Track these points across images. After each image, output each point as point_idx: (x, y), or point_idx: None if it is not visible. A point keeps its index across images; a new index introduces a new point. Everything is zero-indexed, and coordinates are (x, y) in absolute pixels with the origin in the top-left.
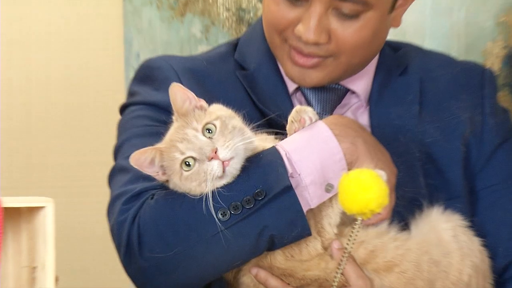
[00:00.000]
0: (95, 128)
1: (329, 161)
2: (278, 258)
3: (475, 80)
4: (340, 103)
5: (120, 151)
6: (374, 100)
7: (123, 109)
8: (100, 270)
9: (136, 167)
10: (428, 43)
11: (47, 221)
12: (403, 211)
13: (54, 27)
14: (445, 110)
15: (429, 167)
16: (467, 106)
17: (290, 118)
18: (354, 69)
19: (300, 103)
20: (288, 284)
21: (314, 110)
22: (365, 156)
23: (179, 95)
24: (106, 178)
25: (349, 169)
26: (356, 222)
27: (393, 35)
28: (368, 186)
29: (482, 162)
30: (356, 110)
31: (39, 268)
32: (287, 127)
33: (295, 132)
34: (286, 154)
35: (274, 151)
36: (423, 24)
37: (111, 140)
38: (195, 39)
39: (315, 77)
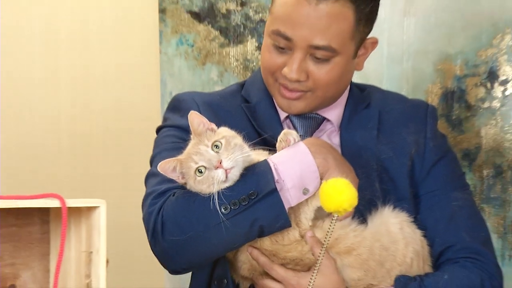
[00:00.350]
0: (139, 147)
1: (306, 171)
2: (266, 242)
3: (421, 112)
4: (318, 128)
5: (154, 160)
6: (344, 126)
7: (158, 130)
8: (141, 255)
9: (162, 173)
10: (385, 85)
11: (101, 217)
12: (362, 209)
13: (109, 73)
14: (396, 134)
15: (383, 176)
16: (413, 132)
17: (279, 138)
18: (328, 101)
19: (289, 128)
20: (273, 261)
21: (298, 133)
22: (334, 168)
23: (195, 120)
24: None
25: (321, 178)
26: (333, 218)
27: (359, 78)
28: (342, 191)
29: (423, 174)
30: (330, 134)
31: (94, 253)
32: (277, 145)
33: (282, 149)
34: (274, 165)
35: (265, 162)
36: (381, 70)
37: (148, 156)
38: (213, 81)
39: (299, 106)
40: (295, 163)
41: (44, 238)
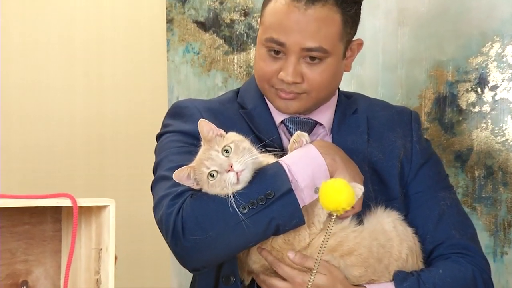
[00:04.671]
0: (147, 150)
1: (317, 171)
2: (279, 241)
3: (406, 118)
4: (311, 132)
5: (160, 165)
6: (335, 131)
7: (158, 137)
8: (148, 252)
9: (177, 181)
10: (381, 91)
11: (110, 216)
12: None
13: (120, 80)
14: (385, 138)
15: (374, 178)
16: (401, 136)
17: (292, 139)
18: (320, 102)
19: (284, 132)
20: (280, 261)
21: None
22: (342, 168)
23: (205, 127)
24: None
25: (331, 177)
26: (332, 217)
27: (356, 84)
28: (341, 191)
29: (412, 175)
30: (322, 138)
31: (103, 250)
32: (289, 146)
33: (295, 149)
34: (287, 166)
35: (278, 164)
36: (376, 77)
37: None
38: (218, 87)
39: (295, 106)
40: (307, 164)
41: (56, 235)
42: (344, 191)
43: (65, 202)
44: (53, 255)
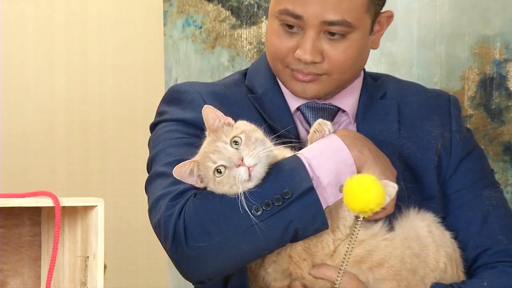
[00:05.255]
0: (141, 141)
1: (342, 166)
2: (298, 248)
3: (444, 104)
4: (332, 120)
5: (156, 160)
6: (360, 118)
7: (153, 126)
8: (142, 260)
9: (178, 178)
10: (415, 71)
11: (98, 218)
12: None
13: (108, 58)
14: (419, 127)
15: (407, 174)
16: (437, 125)
17: (312, 129)
18: (343, 85)
19: (300, 121)
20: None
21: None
22: (371, 161)
23: (210, 115)
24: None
25: (358, 173)
26: (359, 220)
27: (386, 64)
28: (369, 188)
29: (451, 171)
30: (346, 126)
31: (90, 258)
32: (309, 136)
33: (316, 140)
34: (307, 161)
35: (296, 158)
36: (411, 55)
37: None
38: (223, 67)
39: (314, 89)
40: (330, 157)
41: (35, 241)
42: (373, 188)
43: (45, 202)
44: (32, 264)
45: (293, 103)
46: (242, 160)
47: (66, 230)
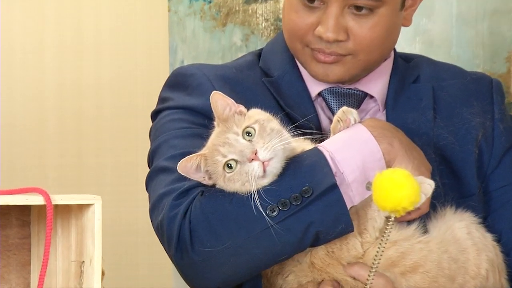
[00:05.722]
0: (141, 131)
1: (369, 160)
2: (320, 253)
3: (485, 88)
4: (359, 107)
5: (158, 153)
6: (390, 105)
7: (155, 114)
8: (143, 265)
9: (183, 174)
10: (454, 51)
11: (95, 218)
12: None
13: (104, 37)
14: (457, 115)
15: (443, 168)
16: (478, 112)
17: (336, 118)
18: (370, 67)
19: (322, 108)
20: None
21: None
22: (402, 155)
23: (220, 102)
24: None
25: (387, 168)
26: (390, 220)
27: (421, 44)
28: (401, 184)
29: (493, 165)
30: (374, 114)
31: (86, 263)
32: (332, 126)
33: (339, 131)
34: (329, 154)
35: (317, 151)
36: (449, 33)
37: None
38: (236, 47)
39: (337, 71)
40: (355, 150)
41: (24, 244)
42: (407, 185)
43: (35, 200)
44: (20, 269)
45: (314, 88)
46: (255, 154)
47: (59, 231)
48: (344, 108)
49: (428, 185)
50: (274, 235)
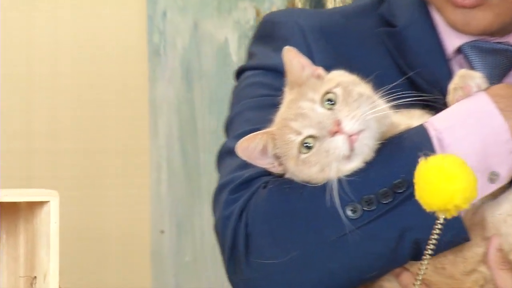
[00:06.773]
0: (109, 104)
1: (491, 142)
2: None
3: None
4: (510, 70)
5: (230, 128)
6: None
7: (239, 73)
8: (116, 280)
9: (245, 158)
10: None
11: (51, 220)
12: None
13: None
14: None
15: None
16: None
17: (452, 86)
18: None
19: (462, 68)
20: None
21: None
22: None
23: (295, 61)
24: (122, 166)
25: None
26: (438, 222)
27: None
28: (453, 176)
29: None
30: None
31: (39, 278)
32: (448, 97)
33: (457, 101)
34: (436, 134)
35: (421, 130)
36: None
37: (128, 122)
38: None
39: (483, 18)
40: (472, 129)
41: None
42: (459, 176)
43: None
44: None
45: (452, 41)
46: (339, 125)
47: (3, 238)
48: (462, 71)
49: None
50: (354, 243)
